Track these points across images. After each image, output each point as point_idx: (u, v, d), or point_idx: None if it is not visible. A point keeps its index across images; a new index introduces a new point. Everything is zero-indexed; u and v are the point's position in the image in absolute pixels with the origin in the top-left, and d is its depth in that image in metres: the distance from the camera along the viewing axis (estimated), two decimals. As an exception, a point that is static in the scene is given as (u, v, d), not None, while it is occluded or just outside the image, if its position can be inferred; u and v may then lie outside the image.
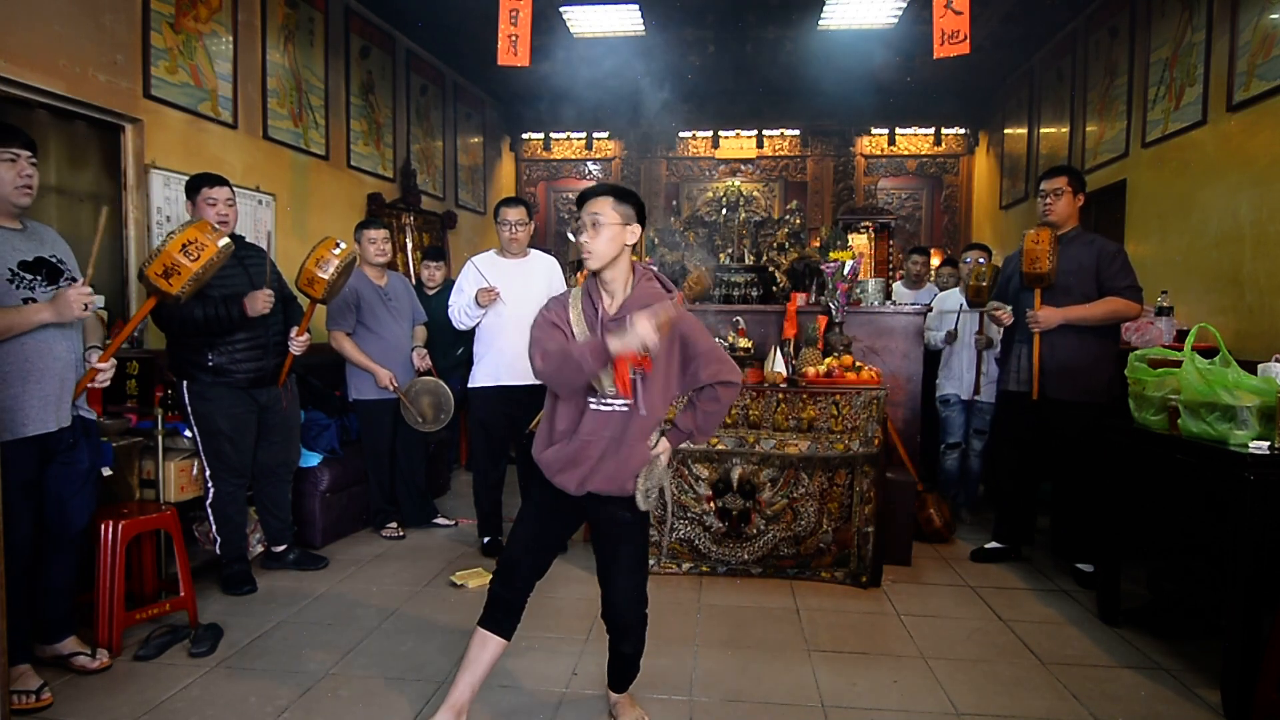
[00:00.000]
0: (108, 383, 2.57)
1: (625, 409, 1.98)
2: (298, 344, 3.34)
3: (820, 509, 3.42)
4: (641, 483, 2.03)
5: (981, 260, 4.35)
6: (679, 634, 2.93)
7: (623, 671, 2.25)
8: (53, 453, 2.45)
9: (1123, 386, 3.01)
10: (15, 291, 2.33)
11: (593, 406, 2.00)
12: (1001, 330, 3.80)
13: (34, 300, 2.35)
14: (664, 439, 2.11)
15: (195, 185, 3.21)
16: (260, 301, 3.11)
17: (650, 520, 2.15)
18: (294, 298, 3.51)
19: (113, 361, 2.54)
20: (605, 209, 1.98)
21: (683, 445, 3.39)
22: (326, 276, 3.24)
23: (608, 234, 1.98)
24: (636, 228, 2.03)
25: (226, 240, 2.66)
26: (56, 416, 2.41)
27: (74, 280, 2.49)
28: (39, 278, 2.40)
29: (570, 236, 2.09)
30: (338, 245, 3.29)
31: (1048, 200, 3.56)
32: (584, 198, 2.04)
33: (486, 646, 2.10)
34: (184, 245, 2.47)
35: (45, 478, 2.46)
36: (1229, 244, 4.12)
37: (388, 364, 3.99)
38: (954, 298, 4.58)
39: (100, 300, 2.39)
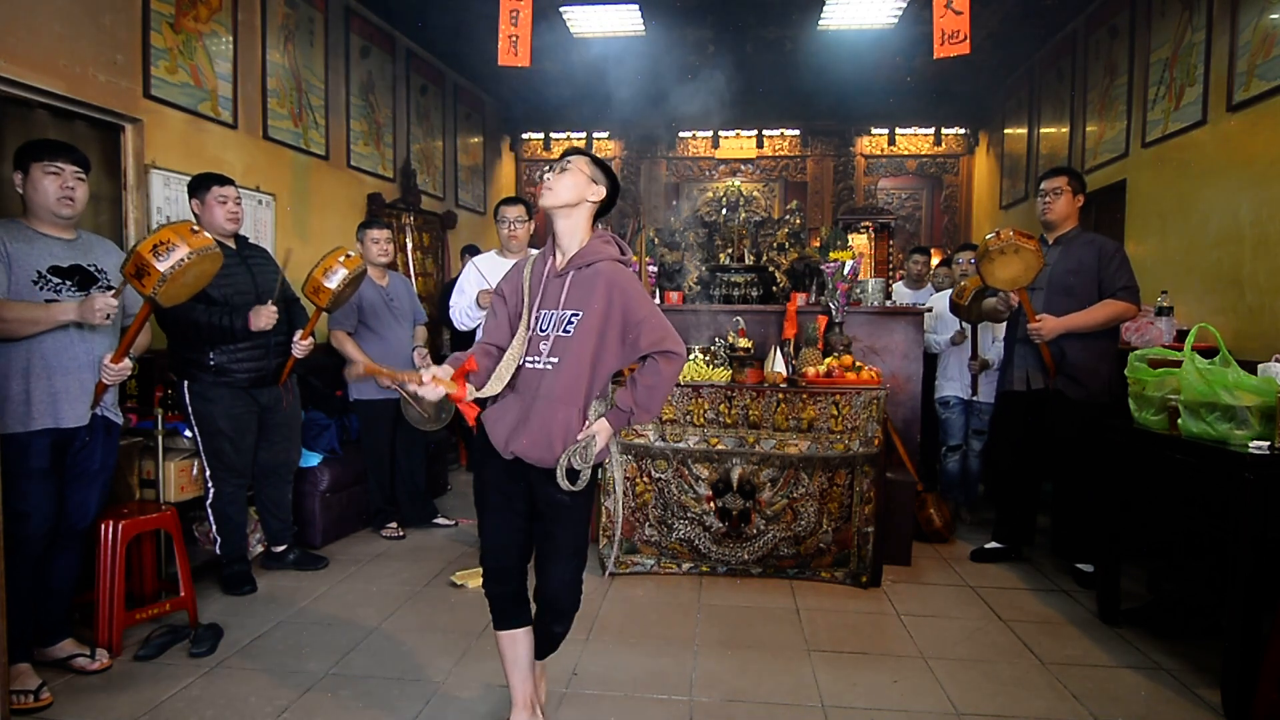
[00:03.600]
0: (124, 377, 2.58)
1: (549, 366, 1.96)
2: (301, 348, 3.35)
3: (820, 509, 3.42)
4: (564, 459, 1.92)
5: (965, 272, 4.36)
6: (679, 634, 2.93)
7: (546, 643, 2.16)
8: (64, 449, 2.49)
9: (1123, 386, 3.00)
10: (39, 292, 2.43)
11: (526, 364, 2.00)
12: (1000, 350, 3.83)
13: (59, 302, 2.44)
14: (602, 419, 1.99)
15: (204, 184, 3.20)
16: (264, 318, 3.10)
17: (589, 507, 2.07)
18: (298, 300, 3.51)
19: (128, 361, 2.56)
20: (579, 161, 2.06)
21: (681, 444, 3.42)
22: (333, 287, 3.24)
23: (571, 179, 2.02)
24: (601, 190, 2.08)
25: (208, 244, 2.52)
26: (70, 414, 2.46)
27: (109, 289, 2.56)
28: (69, 283, 2.48)
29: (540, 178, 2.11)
30: (346, 255, 3.29)
31: (1047, 199, 3.56)
32: (565, 154, 2.09)
33: (517, 642, 2.10)
34: (154, 246, 2.38)
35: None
36: (1229, 244, 4.12)
37: (389, 364, 3.99)
38: (947, 298, 4.59)
39: (115, 303, 2.43)
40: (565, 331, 1.97)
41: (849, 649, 2.83)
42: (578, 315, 1.97)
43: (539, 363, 1.98)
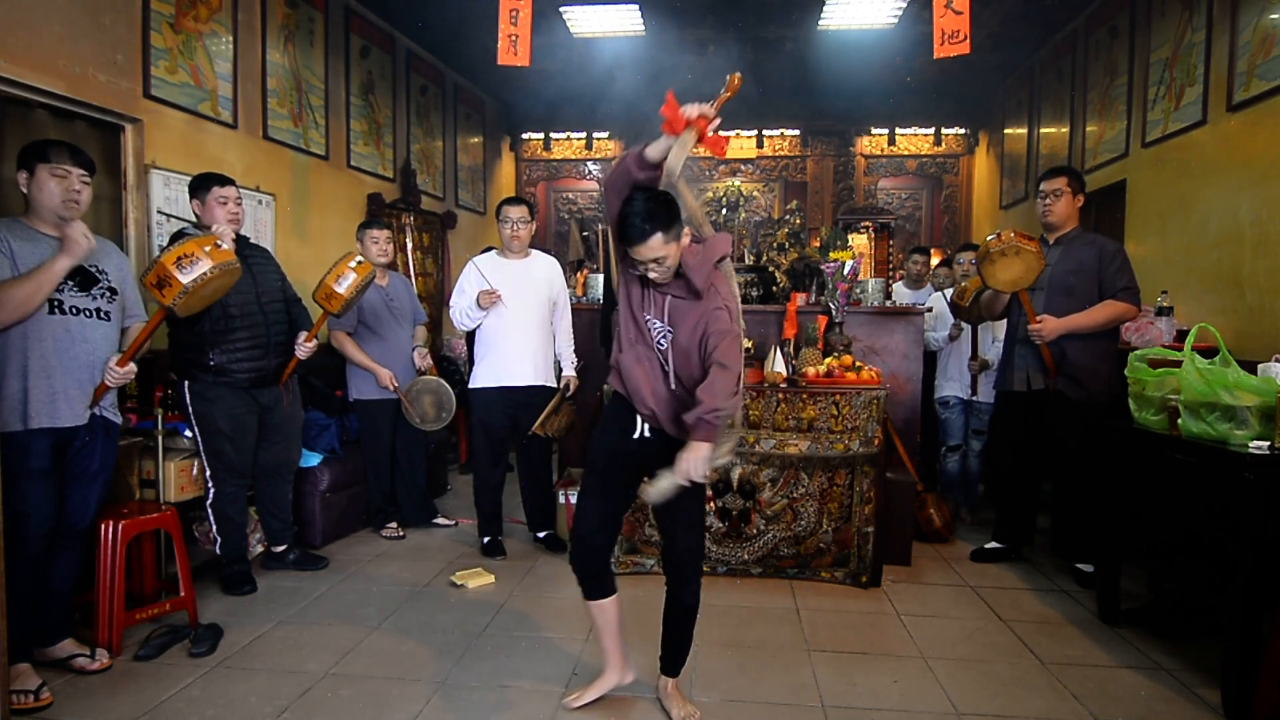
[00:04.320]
0: (127, 381, 2.60)
1: (660, 353, 2.15)
2: (305, 349, 3.35)
3: (820, 509, 3.42)
4: (662, 483, 1.97)
5: (966, 272, 4.36)
6: (679, 634, 2.93)
7: (678, 643, 2.34)
8: (64, 449, 2.49)
9: (1123, 386, 3.00)
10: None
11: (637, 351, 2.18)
12: (1000, 350, 3.82)
13: (60, 301, 2.45)
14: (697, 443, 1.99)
15: (205, 184, 3.19)
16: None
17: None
18: (299, 299, 3.51)
19: (132, 365, 2.58)
20: (663, 243, 2.03)
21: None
22: (344, 293, 3.28)
23: (670, 261, 2.08)
24: (686, 230, 2.13)
25: (229, 258, 2.64)
26: (69, 414, 2.46)
27: (111, 290, 2.59)
28: (71, 283, 2.49)
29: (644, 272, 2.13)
30: (357, 261, 3.33)
31: (1047, 201, 3.55)
32: (639, 239, 2.02)
33: (605, 610, 2.32)
34: (179, 258, 2.50)
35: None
36: (1229, 244, 4.12)
37: (389, 364, 4.00)
38: (943, 299, 4.59)
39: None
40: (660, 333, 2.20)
41: (849, 649, 2.83)
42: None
43: (646, 355, 2.21)
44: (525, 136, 9.10)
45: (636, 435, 2.23)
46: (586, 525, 2.26)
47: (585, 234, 7.06)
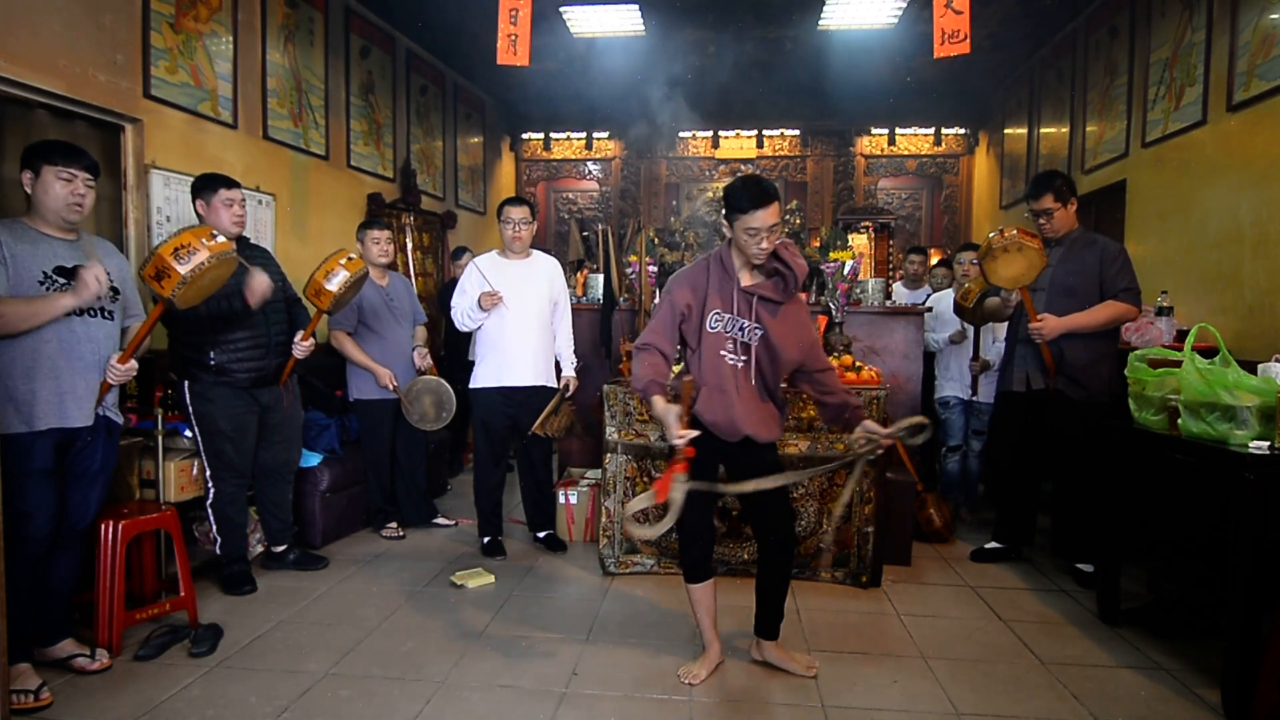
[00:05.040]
0: (130, 378, 2.60)
1: (741, 363, 2.44)
2: (301, 349, 3.35)
3: (820, 509, 3.42)
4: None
5: (968, 273, 4.35)
6: (679, 634, 2.93)
7: (772, 602, 2.61)
8: (66, 449, 2.49)
9: (1123, 386, 3.00)
10: (44, 292, 2.42)
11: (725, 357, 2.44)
12: (1001, 351, 3.81)
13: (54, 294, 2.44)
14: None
15: (211, 185, 3.18)
16: (258, 282, 3.07)
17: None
18: (299, 300, 3.51)
19: (134, 362, 2.58)
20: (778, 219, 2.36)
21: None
22: (334, 289, 3.25)
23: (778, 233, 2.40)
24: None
25: (227, 249, 2.62)
26: (77, 414, 2.46)
27: (113, 290, 2.58)
28: (72, 283, 2.47)
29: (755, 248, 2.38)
30: (348, 258, 3.30)
31: (1041, 220, 3.54)
32: (768, 200, 2.30)
33: (707, 591, 2.60)
34: (176, 249, 2.48)
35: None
36: (1229, 244, 4.12)
37: (389, 364, 3.99)
38: (947, 298, 4.59)
39: (102, 271, 2.45)
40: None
41: (849, 649, 2.83)
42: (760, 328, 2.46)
43: (730, 358, 2.47)
44: (525, 136, 9.10)
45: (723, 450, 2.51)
46: (699, 517, 2.53)
47: (585, 234, 7.06)
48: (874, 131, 8.65)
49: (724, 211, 2.40)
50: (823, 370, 2.55)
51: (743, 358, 2.42)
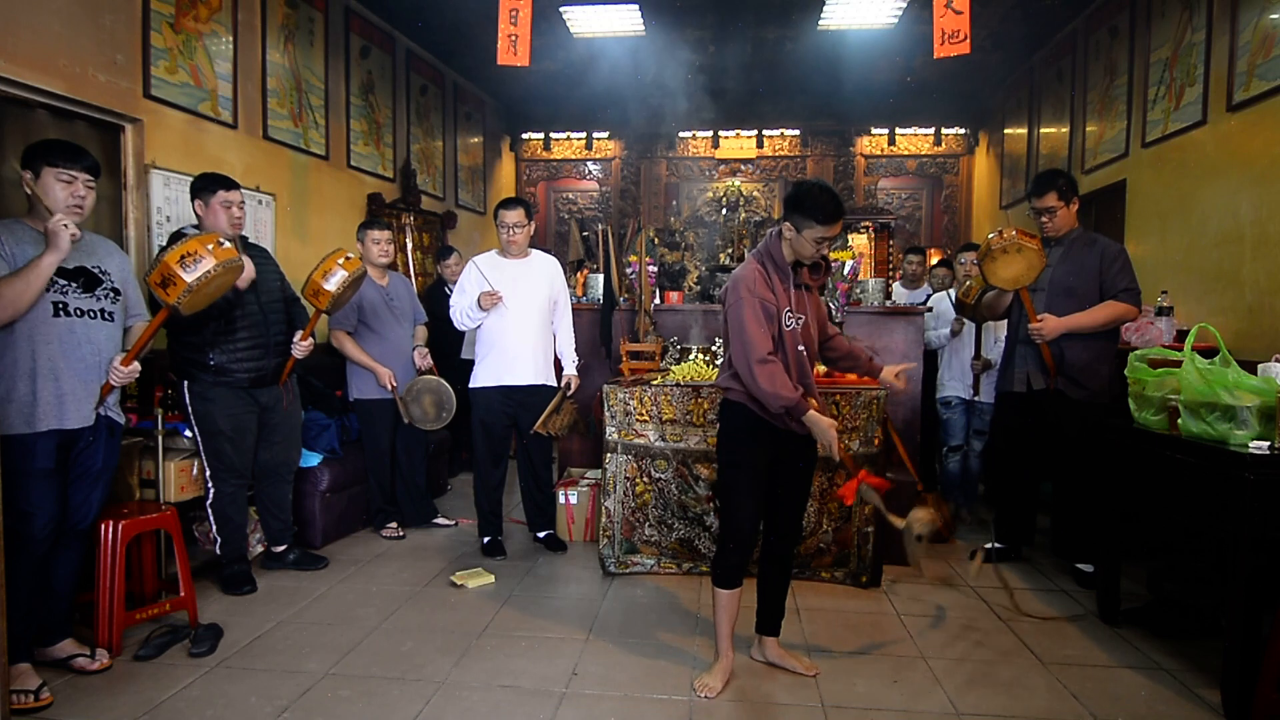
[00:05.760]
0: (132, 379, 2.61)
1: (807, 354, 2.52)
2: (300, 349, 3.35)
3: (820, 509, 3.42)
4: None
5: (970, 273, 4.34)
6: (679, 634, 2.93)
7: (777, 599, 2.64)
8: (68, 450, 2.49)
9: (1123, 386, 3.00)
10: (47, 294, 2.41)
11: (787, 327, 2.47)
12: (1001, 349, 3.81)
13: (65, 304, 2.46)
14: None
15: (209, 186, 3.17)
16: (248, 268, 3.07)
17: None
18: (298, 299, 3.51)
19: (136, 364, 2.58)
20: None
21: (681, 444, 3.43)
22: (332, 289, 3.25)
23: None
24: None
25: (232, 256, 2.64)
26: (76, 415, 2.46)
27: (114, 291, 2.59)
28: (74, 284, 2.49)
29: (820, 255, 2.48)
30: (346, 257, 3.30)
31: (1043, 218, 3.54)
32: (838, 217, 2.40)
33: (735, 599, 2.55)
34: (182, 256, 2.51)
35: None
36: (1229, 244, 4.12)
37: (389, 364, 4.00)
38: (947, 298, 4.59)
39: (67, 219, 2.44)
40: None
41: (849, 649, 2.83)
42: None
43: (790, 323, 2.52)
44: (525, 136, 9.10)
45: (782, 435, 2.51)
46: (751, 522, 2.52)
47: (585, 234, 7.06)
48: (874, 131, 8.65)
49: (790, 214, 2.42)
50: (833, 336, 2.75)
51: (804, 348, 2.51)
